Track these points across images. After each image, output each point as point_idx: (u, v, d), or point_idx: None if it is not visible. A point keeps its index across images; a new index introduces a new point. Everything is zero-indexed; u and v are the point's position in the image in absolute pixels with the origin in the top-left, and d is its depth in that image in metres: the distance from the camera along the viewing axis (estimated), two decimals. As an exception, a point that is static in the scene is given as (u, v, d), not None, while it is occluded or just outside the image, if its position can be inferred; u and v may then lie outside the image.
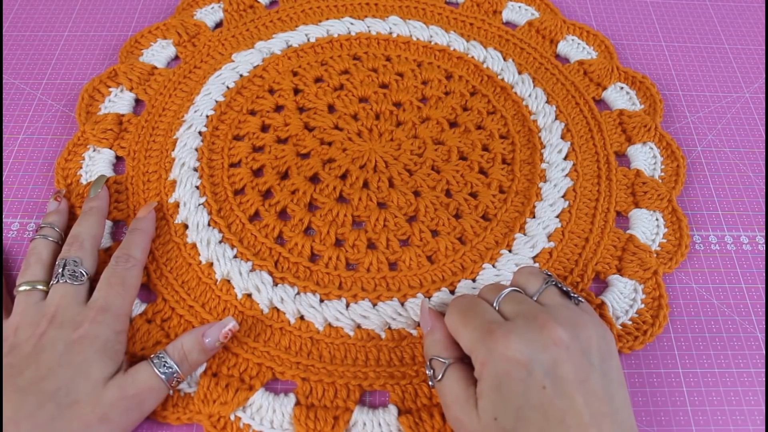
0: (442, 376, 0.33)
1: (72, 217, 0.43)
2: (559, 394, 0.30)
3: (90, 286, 0.38)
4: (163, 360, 0.35)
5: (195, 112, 0.49)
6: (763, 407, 0.38)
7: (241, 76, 0.52)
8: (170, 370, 0.35)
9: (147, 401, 0.34)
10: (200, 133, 0.48)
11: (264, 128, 0.49)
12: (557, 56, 0.56)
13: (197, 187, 0.45)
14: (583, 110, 0.51)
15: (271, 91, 0.52)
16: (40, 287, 0.37)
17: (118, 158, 0.48)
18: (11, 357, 0.33)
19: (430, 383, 0.35)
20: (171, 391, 0.36)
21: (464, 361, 0.34)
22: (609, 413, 0.30)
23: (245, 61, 0.53)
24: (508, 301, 0.34)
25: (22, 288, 0.37)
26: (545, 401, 0.29)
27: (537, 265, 0.41)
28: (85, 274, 0.37)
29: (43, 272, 0.38)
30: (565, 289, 0.35)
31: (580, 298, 0.35)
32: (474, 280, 0.41)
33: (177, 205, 0.44)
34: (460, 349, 0.34)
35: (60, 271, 0.37)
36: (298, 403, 0.36)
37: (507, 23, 0.58)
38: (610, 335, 0.33)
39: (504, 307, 0.34)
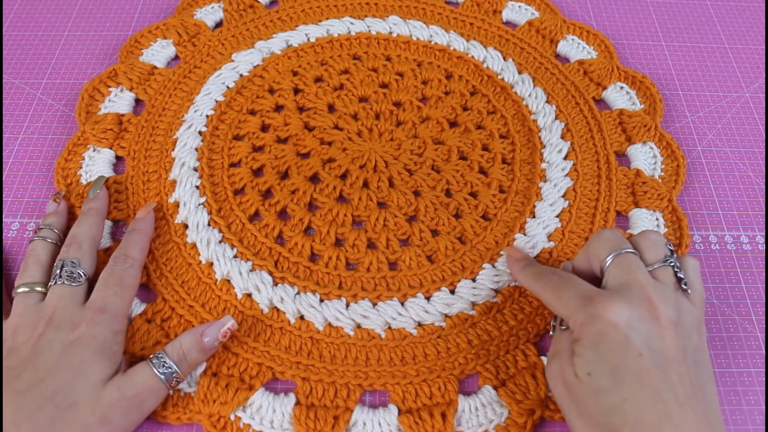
0: (568, 327, 0.34)
1: (72, 218, 0.43)
2: (656, 365, 0.30)
3: (89, 287, 0.38)
4: (162, 360, 0.35)
5: (195, 111, 0.49)
6: (763, 407, 0.38)
7: (241, 75, 0.52)
8: (169, 370, 0.35)
9: (146, 402, 0.34)
10: (200, 132, 0.48)
11: (264, 128, 0.49)
12: (557, 56, 0.56)
13: (197, 187, 0.45)
14: (583, 110, 0.51)
15: (271, 91, 0.52)
16: (39, 289, 0.37)
17: (118, 158, 0.48)
18: (10, 359, 0.33)
19: (551, 333, 0.37)
20: (171, 391, 0.36)
21: None
22: (702, 399, 0.30)
23: (245, 60, 0.53)
24: (619, 265, 0.34)
25: (20, 290, 0.37)
26: (642, 368, 0.30)
27: (662, 233, 0.40)
28: (83, 275, 0.37)
29: (41, 274, 0.38)
30: (680, 275, 0.34)
31: (689, 289, 0.34)
32: (474, 280, 0.41)
33: (177, 204, 0.44)
34: None
35: (58, 272, 0.37)
36: (298, 403, 0.36)
37: (507, 23, 0.58)
38: (705, 332, 0.33)
39: (613, 270, 0.34)
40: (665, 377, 0.30)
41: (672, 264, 0.34)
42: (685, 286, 0.34)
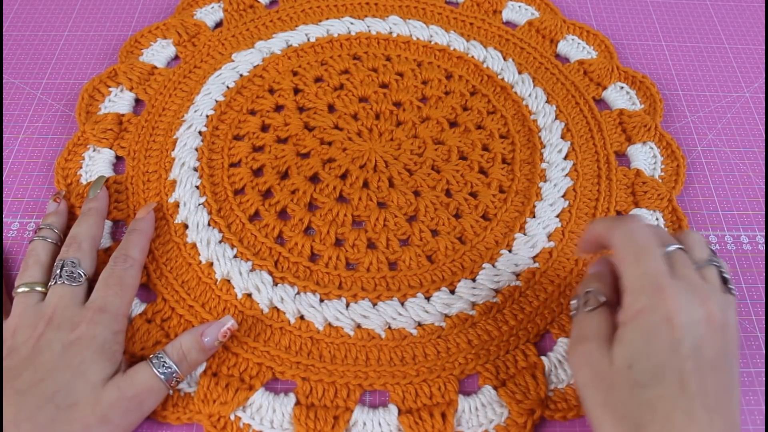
0: (594, 309, 0.33)
1: (72, 218, 0.43)
2: (697, 370, 0.29)
3: (89, 287, 0.38)
4: (162, 360, 0.35)
5: (195, 111, 0.49)
6: (763, 407, 0.38)
7: (241, 75, 0.52)
8: (169, 370, 0.35)
9: (146, 402, 0.34)
10: (200, 132, 0.48)
11: (264, 128, 0.49)
12: (557, 56, 0.56)
13: (197, 187, 0.45)
14: (583, 110, 0.51)
15: (271, 91, 0.52)
16: (39, 289, 0.37)
17: (118, 158, 0.48)
18: (10, 359, 0.33)
19: (573, 312, 0.34)
20: (171, 391, 0.36)
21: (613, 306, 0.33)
22: (728, 407, 0.30)
23: (245, 60, 0.53)
24: (675, 257, 0.33)
25: (20, 289, 0.37)
26: (685, 372, 0.29)
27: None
28: (83, 275, 0.37)
29: (41, 274, 0.38)
30: (725, 275, 0.33)
31: (734, 291, 0.34)
32: (474, 280, 0.41)
33: (177, 204, 0.44)
34: (615, 294, 0.33)
35: (58, 272, 0.37)
36: (298, 403, 0.36)
37: (507, 23, 0.58)
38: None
39: (672, 260, 0.32)
40: (702, 382, 0.29)
41: (716, 264, 0.33)
42: (731, 286, 0.33)
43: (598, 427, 0.30)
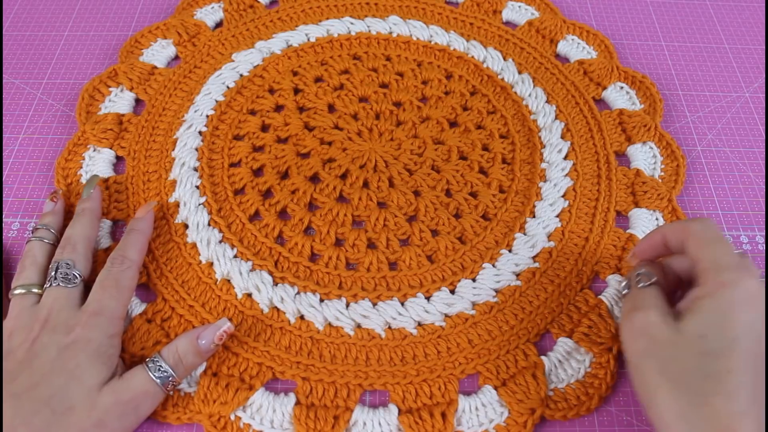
0: (647, 285, 0.34)
1: (69, 217, 0.43)
2: (765, 355, 0.30)
3: (85, 288, 0.38)
4: (158, 364, 0.35)
5: (195, 111, 0.49)
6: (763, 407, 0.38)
7: (241, 75, 0.52)
8: (165, 374, 0.35)
9: (142, 406, 0.34)
10: (200, 132, 0.48)
11: (264, 128, 0.49)
12: (557, 56, 0.56)
13: (197, 187, 0.45)
14: (583, 110, 0.51)
15: (271, 91, 0.52)
16: (35, 290, 0.37)
17: (119, 158, 0.48)
18: (6, 363, 0.33)
19: (625, 291, 0.36)
20: (171, 393, 0.36)
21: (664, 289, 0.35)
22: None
23: (245, 60, 0.53)
24: (743, 258, 0.33)
25: (17, 291, 0.36)
26: (757, 351, 0.29)
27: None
28: (78, 276, 0.37)
29: (37, 275, 0.38)
30: None
31: None
32: (474, 280, 0.41)
33: (177, 204, 0.44)
34: (666, 282, 0.35)
35: (53, 274, 0.37)
36: (298, 403, 0.36)
37: (507, 23, 0.58)
38: None
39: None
40: (762, 370, 0.29)
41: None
42: None
43: (653, 397, 0.30)
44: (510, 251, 0.43)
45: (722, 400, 0.28)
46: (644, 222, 0.44)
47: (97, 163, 0.47)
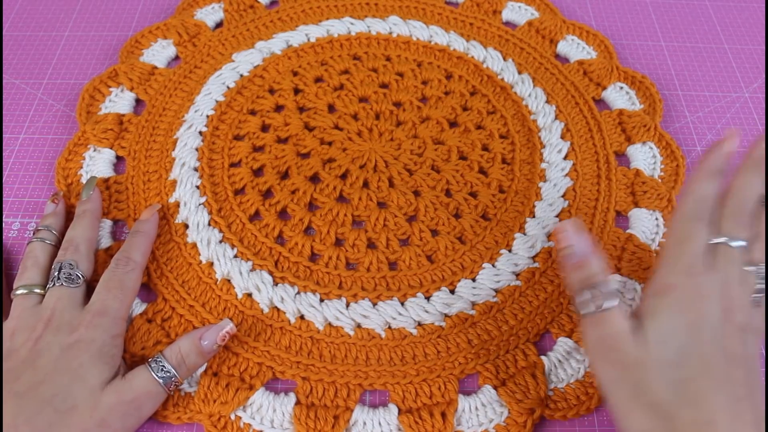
0: (613, 307, 0.32)
1: (70, 218, 0.43)
2: (722, 357, 0.30)
3: (87, 289, 0.38)
4: (160, 364, 0.35)
5: (195, 111, 0.49)
6: (763, 407, 0.38)
7: (241, 76, 0.52)
8: (168, 374, 0.35)
9: (145, 406, 0.34)
10: (200, 132, 0.48)
11: (264, 128, 0.49)
12: (557, 56, 0.56)
13: (197, 187, 0.45)
14: (583, 110, 0.51)
15: (272, 91, 0.52)
16: (37, 291, 0.37)
17: (119, 158, 0.48)
18: (8, 361, 0.33)
19: (584, 312, 0.33)
20: (173, 393, 0.36)
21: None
22: (757, 403, 0.30)
23: (245, 61, 0.53)
24: (724, 254, 0.33)
25: (19, 291, 0.37)
26: (708, 356, 0.30)
27: None
28: (81, 277, 0.37)
29: (40, 275, 0.38)
30: (760, 286, 0.33)
31: (763, 302, 0.33)
32: (474, 280, 0.42)
33: (177, 204, 0.44)
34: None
35: (56, 274, 0.37)
36: (298, 403, 0.37)
37: (507, 23, 0.58)
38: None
39: (719, 252, 0.33)
40: (729, 372, 0.30)
41: (761, 272, 0.33)
42: (759, 296, 0.33)
43: (626, 419, 0.30)
44: (510, 251, 0.43)
45: (690, 411, 0.29)
46: (644, 222, 0.44)
47: (98, 163, 0.47)
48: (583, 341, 0.34)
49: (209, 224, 0.43)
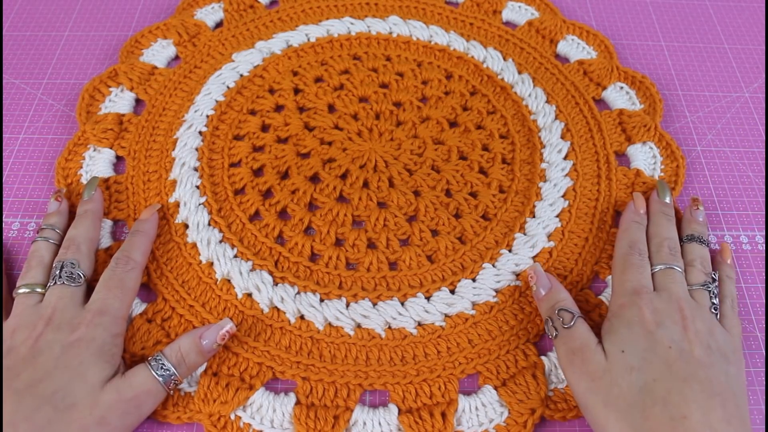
0: (573, 324, 0.36)
1: (73, 217, 0.43)
2: (683, 359, 0.33)
3: (87, 288, 0.38)
4: (160, 363, 0.35)
5: (195, 111, 0.49)
6: (763, 407, 0.38)
7: (241, 75, 0.52)
8: (167, 372, 0.35)
9: (145, 404, 0.34)
10: (200, 132, 0.48)
11: (264, 128, 0.49)
12: (557, 56, 0.56)
13: (197, 187, 0.45)
14: (583, 110, 0.51)
15: (272, 91, 0.52)
16: (39, 290, 0.37)
17: (119, 158, 0.48)
18: (8, 359, 0.33)
19: (554, 334, 0.37)
20: (172, 392, 0.36)
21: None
22: (734, 400, 0.31)
23: (245, 60, 0.53)
24: (665, 276, 0.38)
25: (21, 290, 0.37)
26: (669, 357, 0.33)
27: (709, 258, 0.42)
28: (82, 276, 0.37)
29: (43, 275, 0.38)
30: (714, 301, 0.37)
31: (718, 315, 0.37)
32: (474, 280, 0.41)
33: (177, 204, 0.44)
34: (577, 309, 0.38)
35: (57, 273, 0.37)
36: (298, 403, 0.37)
37: (507, 23, 0.58)
38: (743, 365, 0.35)
39: (660, 276, 0.38)
40: (693, 371, 0.32)
41: (709, 290, 0.38)
42: (715, 311, 0.37)
43: (603, 427, 0.32)
44: (510, 251, 0.43)
45: (660, 409, 0.31)
46: (644, 222, 0.44)
47: (98, 163, 0.47)
48: (558, 359, 0.37)
49: (209, 224, 0.43)
